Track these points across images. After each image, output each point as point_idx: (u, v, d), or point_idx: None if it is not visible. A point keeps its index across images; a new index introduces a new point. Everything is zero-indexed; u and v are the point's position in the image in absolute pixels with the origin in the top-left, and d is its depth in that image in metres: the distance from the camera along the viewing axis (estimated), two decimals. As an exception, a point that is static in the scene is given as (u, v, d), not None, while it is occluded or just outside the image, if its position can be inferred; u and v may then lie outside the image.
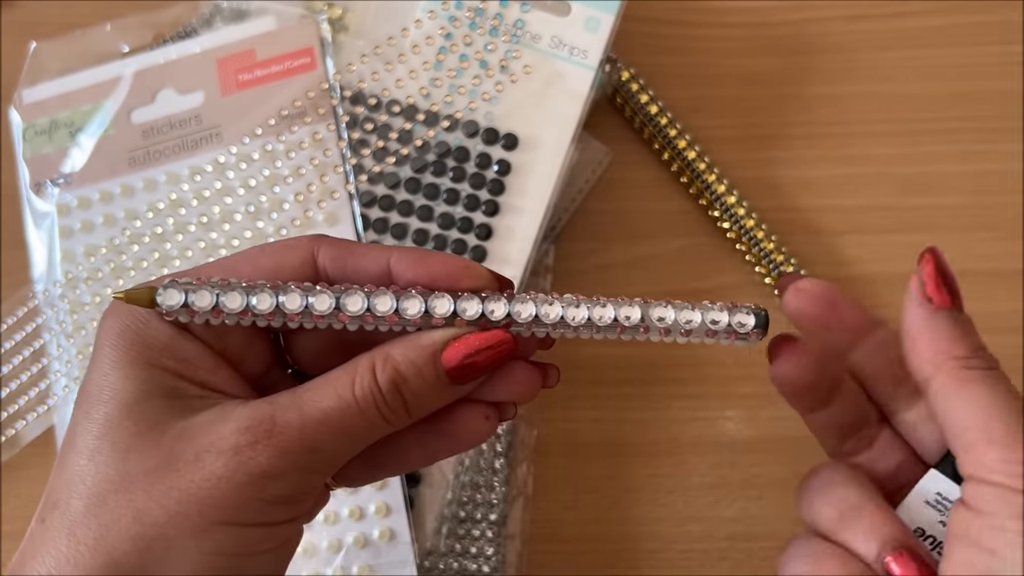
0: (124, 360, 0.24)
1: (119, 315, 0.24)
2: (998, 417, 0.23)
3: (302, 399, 0.23)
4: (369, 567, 0.39)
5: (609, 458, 0.43)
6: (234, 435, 0.23)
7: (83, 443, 0.23)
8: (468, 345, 0.24)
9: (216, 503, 0.22)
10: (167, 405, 0.23)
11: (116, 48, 0.45)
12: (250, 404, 0.24)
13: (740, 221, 0.43)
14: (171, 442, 0.23)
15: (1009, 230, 0.44)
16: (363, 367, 0.24)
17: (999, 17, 0.47)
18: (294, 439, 0.23)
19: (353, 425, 0.24)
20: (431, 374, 0.24)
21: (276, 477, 0.23)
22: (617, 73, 0.45)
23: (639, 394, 0.43)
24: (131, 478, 0.22)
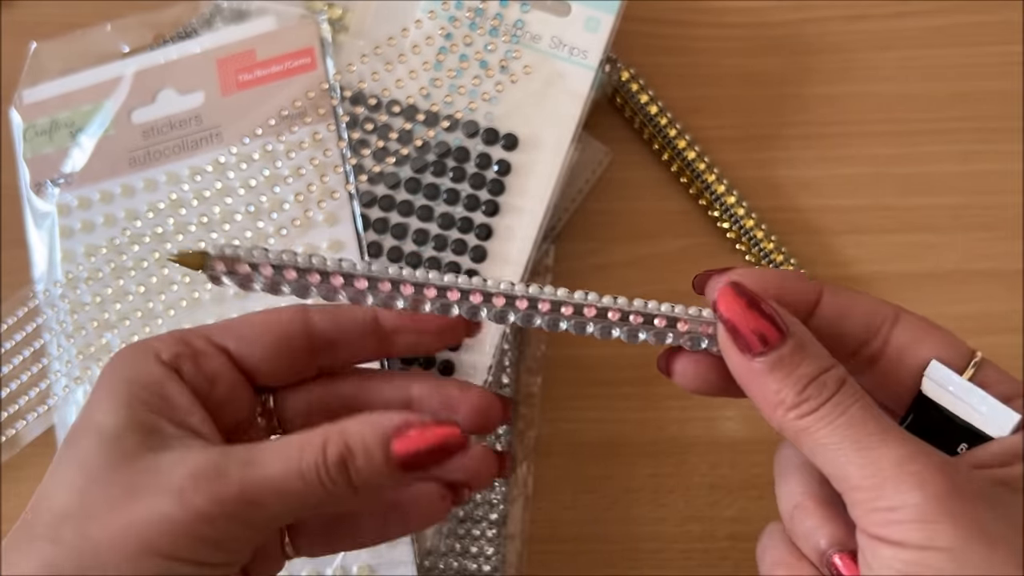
0: (110, 396, 0.26)
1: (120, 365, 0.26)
2: (848, 460, 0.22)
3: (252, 456, 0.25)
4: (369, 567, 0.39)
5: (609, 458, 0.43)
6: (182, 478, 0.24)
7: (60, 473, 0.25)
8: (420, 436, 0.25)
9: (154, 536, 0.23)
10: (143, 440, 0.25)
11: (116, 48, 0.45)
12: (208, 450, 0.25)
13: (740, 221, 0.43)
14: (135, 475, 0.24)
15: (1009, 230, 0.44)
16: (316, 437, 0.25)
17: (999, 17, 0.47)
18: (234, 492, 0.24)
19: (294, 490, 0.24)
20: (380, 458, 0.25)
21: (209, 521, 0.24)
22: (617, 73, 0.45)
23: (639, 394, 0.43)
24: (90, 504, 0.24)
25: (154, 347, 0.27)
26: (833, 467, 0.23)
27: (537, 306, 0.26)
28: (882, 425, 0.22)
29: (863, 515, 0.22)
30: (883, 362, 0.26)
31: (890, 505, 0.21)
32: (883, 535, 0.22)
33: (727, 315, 0.24)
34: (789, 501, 0.26)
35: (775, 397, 0.23)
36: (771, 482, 0.42)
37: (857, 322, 0.26)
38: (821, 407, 0.23)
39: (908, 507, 0.21)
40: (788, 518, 0.26)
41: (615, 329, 0.26)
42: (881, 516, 0.22)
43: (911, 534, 0.21)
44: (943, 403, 0.25)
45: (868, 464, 0.22)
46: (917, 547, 0.21)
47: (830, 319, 0.26)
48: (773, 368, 0.23)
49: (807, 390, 0.23)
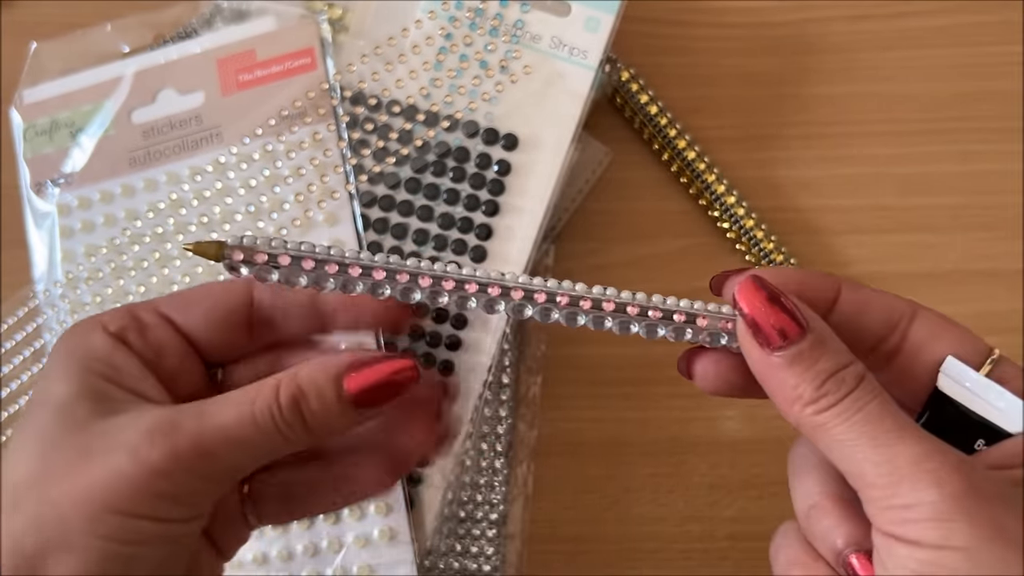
0: (62, 367, 0.26)
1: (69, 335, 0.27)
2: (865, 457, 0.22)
3: (205, 408, 0.25)
4: (369, 567, 0.39)
5: (609, 458, 0.43)
6: (137, 435, 0.24)
7: (18, 443, 0.25)
8: (372, 370, 0.26)
9: (113, 494, 0.24)
10: (94, 407, 0.25)
11: (116, 48, 0.45)
12: (161, 408, 0.25)
13: (740, 221, 0.43)
14: (89, 438, 0.25)
15: (1009, 230, 0.44)
16: (268, 384, 0.25)
17: (999, 17, 0.47)
18: (188, 443, 0.24)
19: (248, 436, 0.25)
20: (332, 395, 0.25)
21: (166, 476, 0.24)
22: (617, 73, 0.45)
23: (639, 394, 0.43)
24: (48, 469, 0.24)
25: (101, 320, 0.27)
26: (849, 464, 0.22)
27: (556, 300, 0.26)
28: (899, 422, 0.22)
29: (878, 513, 0.22)
30: (900, 358, 0.26)
31: (906, 503, 0.21)
32: (898, 533, 0.21)
33: (747, 309, 0.24)
34: (805, 500, 0.26)
35: (793, 392, 0.23)
36: (771, 482, 0.42)
37: (875, 318, 0.26)
38: (839, 403, 0.23)
39: (924, 505, 0.21)
40: (804, 517, 0.26)
41: (634, 325, 0.26)
42: (897, 514, 0.22)
43: (927, 533, 0.21)
44: (959, 399, 0.24)
45: (885, 461, 0.22)
46: (933, 546, 0.21)
47: (848, 315, 0.26)
48: (792, 363, 0.23)
49: (825, 385, 0.23)
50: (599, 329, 0.26)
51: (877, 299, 0.26)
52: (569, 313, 0.26)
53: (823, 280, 0.26)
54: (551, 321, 0.26)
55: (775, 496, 0.42)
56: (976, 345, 0.25)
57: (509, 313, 0.26)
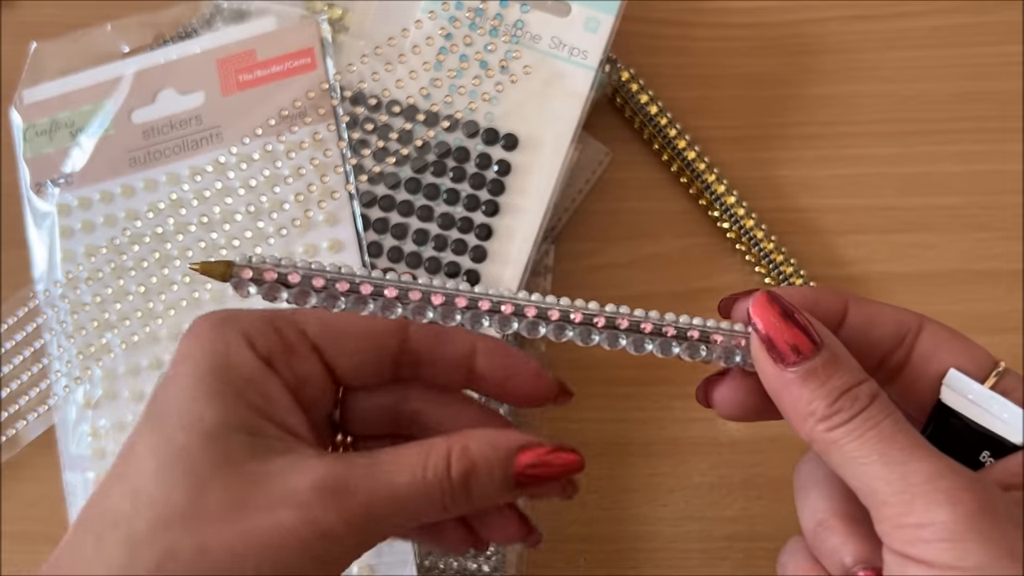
0: (211, 386, 0.24)
1: (212, 340, 0.24)
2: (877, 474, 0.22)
3: (378, 467, 0.24)
4: (369, 567, 0.39)
5: (609, 458, 0.43)
6: (309, 491, 0.23)
7: (156, 464, 0.23)
8: (545, 462, 0.25)
9: (277, 553, 0.22)
10: (247, 442, 0.24)
11: (116, 48, 0.45)
12: (327, 460, 0.24)
13: (740, 221, 0.43)
14: (245, 483, 0.23)
15: (1009, 230, 0.44)
16: (439, 451, 0.24)
17: (999, 17, 0.47)
18: (361, 507, 0.23)
19: (415, 505, 0.24)
20: (500, 474, 0.25)
21: (337, 540, 0.23)
22: (617, 73, 0.45)
23: (639, 394, 0.43)
24: (201, 511, 0.22)
25: (247, 332, 0.25)
26: (861, 481, 0.22)
27: (570, 318, 0.25)
28: (912, 440, 0.22)
29: (890, 531, 0.22)
30: (907, 371, 0.26)
31: (919, 522, 0.21)
32: (911, 553, 0.21)
33: (762, 324, 0.24)
34: (812, 517, 0.26)
35: (806, 408, 0.23)
36: (771, 482, 0.42)
37: (883, 332, 0.26)
38: (852, 420, 0.22)
39: (937, 525, 0.21)
40: (811, 534, 0.26)
41: (648, 343, 0.26)
42: (910, 533, 0.21)
43: (940, 554, 0.21)
44: (963, 411, 0.24)
45: (897, 479, 0.22)
46: (945, 566, 0.21)
47: (857, 330, 0.26)
48: (806, 379, 0.23)
49: (839, 402, 0.23)
50: (614, 348, 0.26)
51: (884, 313, 0.26)
52: (583, 331, 0.26)
53: (831, 297, 0.26)
54: (564, 339, 0.26)
55: (775, 496, 0.42)
56: (981, 357, 0.25)
57: (524, 332, 0.26)
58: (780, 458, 0.42)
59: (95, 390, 0.41)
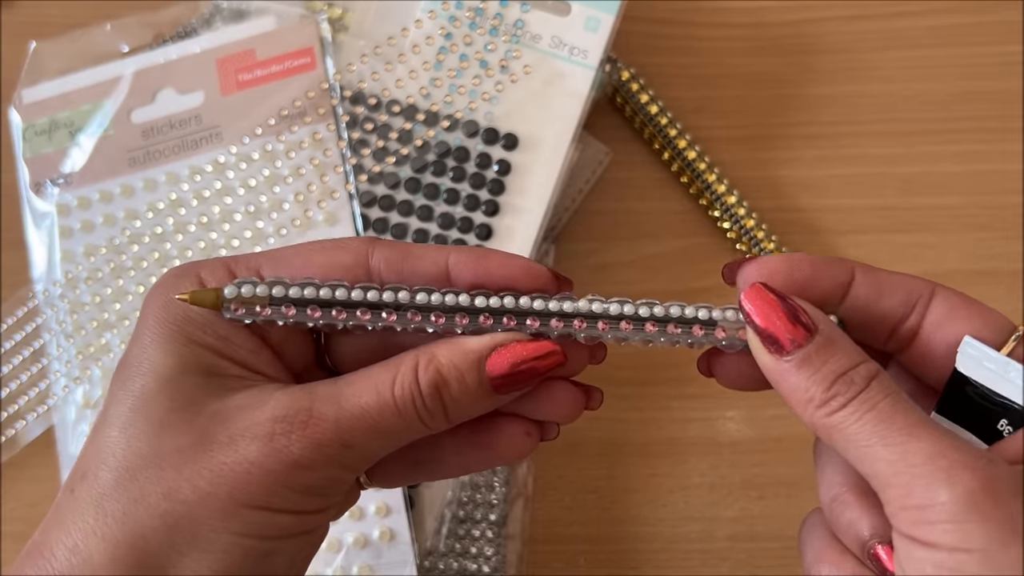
0: (165, 334, 0.23)
1: (163, 289, 0.24)
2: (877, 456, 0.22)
3: (341, 392, 0.23)
4: (369, 567, 0.39)
5: (609, 458, 0.43)
6: (270, 422, 0.22)
7: (116, 415, 0.23)
8: (514, 354, 0.24)
9: (247, 488, 0.22)
10: (204, 383, 0.23)
11: (116, 48, 0.45)
12: (289, 391, 0.23)
13: (740, 221, 0.43)
14: (206, 421, 0.23)
15: (1009, 230, 0.44)
16: (406, 366, 0.24)
17: (999, 17, 0.47)
18: (328, 432, 0.23)
19: (389, 424, 0.23)
20: (474, 380, 0.24)
21: (307, 468, 0.22)
22: (617, 73, 0.45)
23: (639, 394, 0.43)
24: (163, 454, 0.22)
25: (201, 278, 0.24)
26: (864, 464, 0.22)
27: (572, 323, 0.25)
28: (912, 420, 0.22)
29: (895, 513, 0.22)
30: (920, 340, 0.25)
31: (920, 503, 0.21)
32: (916, 535, 0.21)
33: (755, 318, 0.24)
34: (828, 492, 0.25)
35: (804, 395, 0.23)
36: (771, 482, 0.42)
37: (892, 301, 0.25)
38: (849, 403, 0.22)
39: (938, 506, 0.20)
40: (828, 509, 0.25)
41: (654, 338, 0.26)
42: (913, 515, 0.21)
43: (943, 536, 0.20)
44: (979, 379, 0.24)
45: (897, 459, 0.21)
46: (949, 548, 0.20)
47: (865, 299, 0.25)
48: (800, 366, 0.23)
49: (835, 386, 0.22)
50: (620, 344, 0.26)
51: (894, 280, 0.26)
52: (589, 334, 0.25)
53: (835, 266, 0.25)
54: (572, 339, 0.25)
55: (775, 496, 0.42)
56: (998, 322, 0.24)
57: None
58: (780, 458, 0.42)
59: (94, 390, 0.41)
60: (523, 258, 0.25)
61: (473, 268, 0.25)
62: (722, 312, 0.25)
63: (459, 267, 0.25)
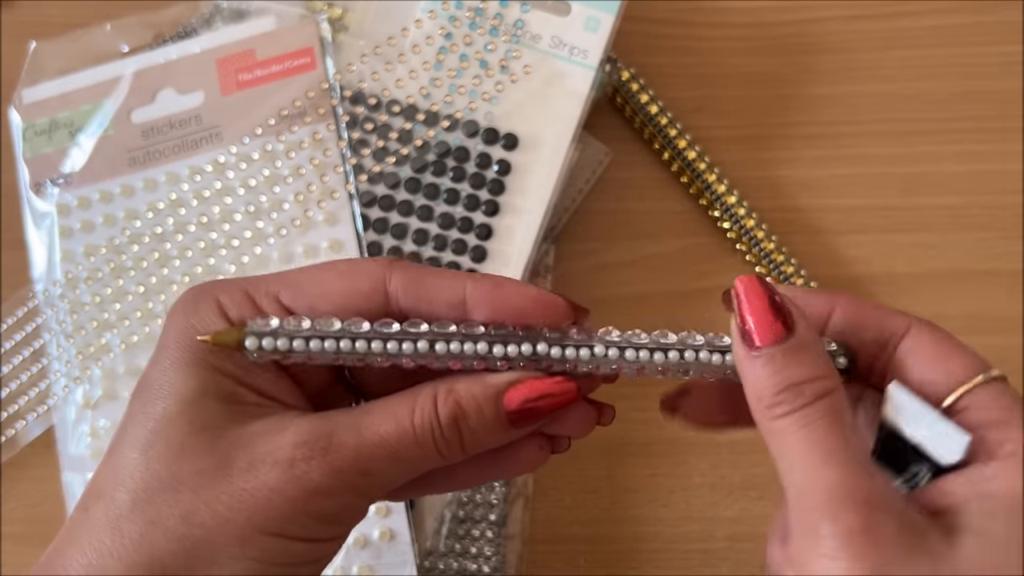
0: (186, 359, 0.24)
1: (186, 314, 0.24)
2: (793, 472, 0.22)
3: (361, 421, 0.24)
4: (369, 567, 0.39)
5: (609, 458, 0.43)
6: (291, 447, 0.23)
7: (136, 435, 0.23)
8: (531, 390, 0.24)
9: (265, 513, 0.22)
10: (225, 409, 0.23)
11: (116, 48, 0.45)
12: (308, 418, 0.24)
13: (740, 221, 0.43)
14: (226, 447, 0.23)
15: (1009, 230, 0.44)
16: (425, 397, 0.24)
17: (999, 17, 0.47)
18: (348, 460, 0.23)
19: (407, 453, 0.24)
20: (491, 414, 0.24)
21: (326, 495, 0.23)
22: (617, 73, 0.45)
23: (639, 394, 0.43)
24: (181, 478, 0.22)
25: (220, 303, 0.24)
26: (784, 476, 0.22)
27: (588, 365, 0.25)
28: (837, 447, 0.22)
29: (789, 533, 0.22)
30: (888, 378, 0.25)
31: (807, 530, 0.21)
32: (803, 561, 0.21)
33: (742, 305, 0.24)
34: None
35: (757, 392, 0.23)
36: (772, 482, 0.42)
37: (868, 337, 0.25)
38: (789, 415, 0.22)
39: (820, 537, 0.21)
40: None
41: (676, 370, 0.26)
42: (799, 540, 0.21)
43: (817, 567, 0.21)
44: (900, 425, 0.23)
45: (804, 485, 0.22)
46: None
47: (843, 333, 0.25)
48: (765, 363, 0.23)
49: (783, 394, 0.23)
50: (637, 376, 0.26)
51: (871, 316, 0.25)
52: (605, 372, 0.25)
53: (819, 299, 0.26)
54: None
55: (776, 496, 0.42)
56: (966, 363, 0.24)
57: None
58: (780, 458, 0.42)
59: (94, 390, 0.41)
60: (536, 290, 0.26)
61: (489, 299, 0.25)
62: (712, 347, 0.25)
63: (475, 297, 0.25)
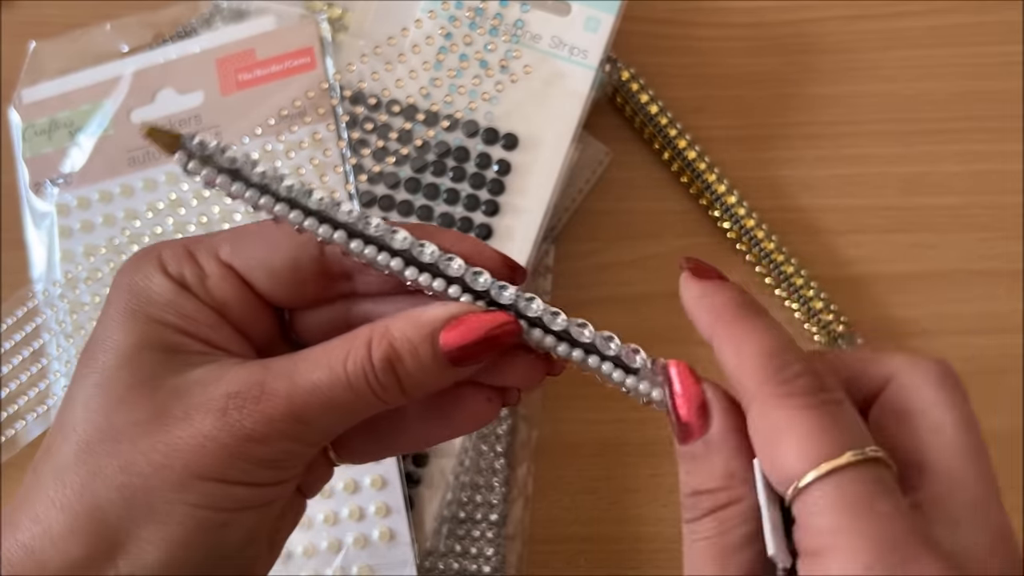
0: (127, 312, 0.24)
1: (129, 272, 0.25)
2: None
3: (295, 367, 0.23)
4: (369, 567, 0.39)
5: (609, 458, 0.43)
6: (223, 397, 0.23)
7: (79, 391, 0.24)
8: (469, 327, 0.23)
9: (201, 460, 0.22)
10: (165, 359, 0.24)
11: (116, 48, 0.45)
12: (245, 366, 0.24)
13: (740, 221, 0.43)
14: (164, 397, 0.23)
15: (1009, 230, 0.44)
16: (359, 341, 0.23)
17: (999, 17, 0.47)
18: (280, 407, 0.23)
19: (342, 399, 0.23)
20: (428, 354, 0.23)
21: (260, 442, 0.23)
22: (617, 73, 0.45)
23: (639, 394, 0.43)
24: (120, 428, 0.23)
25: (161, 259, 0.25)
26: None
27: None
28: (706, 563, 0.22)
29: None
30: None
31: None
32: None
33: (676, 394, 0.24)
34: None
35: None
36: (771, 482, 0.42)
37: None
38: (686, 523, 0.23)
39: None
40: None
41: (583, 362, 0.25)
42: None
43: None
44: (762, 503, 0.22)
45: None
46: None
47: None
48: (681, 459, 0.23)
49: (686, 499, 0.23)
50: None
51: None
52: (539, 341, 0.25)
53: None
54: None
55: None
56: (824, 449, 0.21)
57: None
58: (780, 458, 0.42)
59: (94, 390, 0.41)
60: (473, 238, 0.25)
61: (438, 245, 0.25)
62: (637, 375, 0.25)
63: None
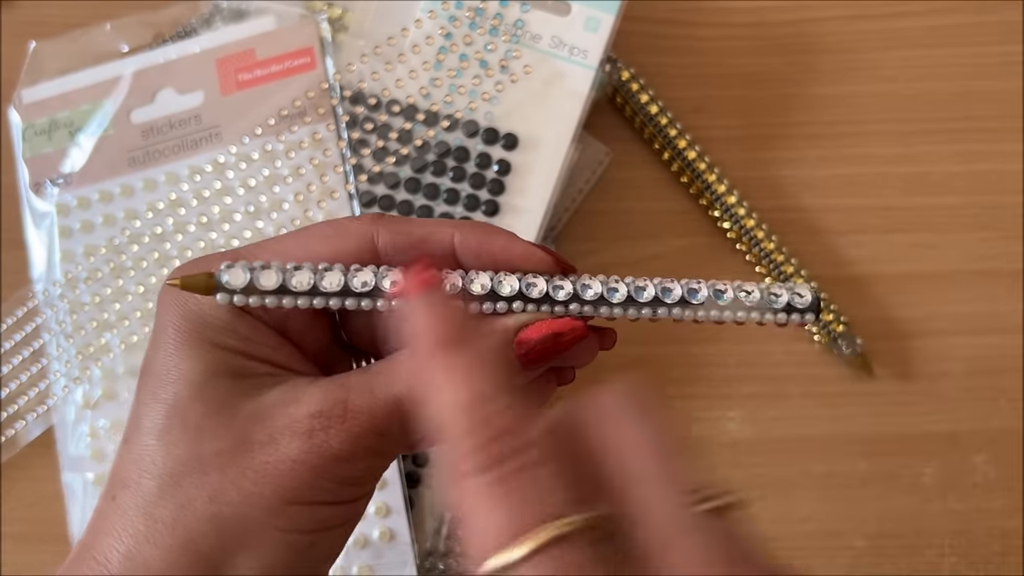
0: (188, 341, 0.24)
1: (177, 296, 0.24)
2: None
3: (373, 382, 0.24)
4: (369, 567, 0.39)
5: (609, 458, 0.43)
6: (308, 418, 0.23)
7: (151, 423, 0.23)
8: (540, 332, 0.24)
9: (291, 484, 0.22)
10: (234, 385, 0.23)
11: (116, 48, 0.45)
12: (321, 385, 0.24)
13: (740, 221, 0.43)
14: (243, 423, 0.23)
15: (1009, 230, 0.44)
16: None
17: (999, 17, 0.47)
18: (364, 424, 0.23)
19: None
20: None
21: (347, 460, 0.23)
22: (617, 73, 0.45)
23: (639, 394, 0.43)
24: (204, 459, 0.23)
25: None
26: None
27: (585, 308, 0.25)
28: None
29: None
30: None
31: None
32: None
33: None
34: None
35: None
36: (772, 482, 0.42)
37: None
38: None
39: None
40: None
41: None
42: None
43: None
44: None
45: None
46: None
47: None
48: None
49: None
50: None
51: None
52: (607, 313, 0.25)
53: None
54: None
55: (776, 496, 0.42)
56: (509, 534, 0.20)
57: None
58: (780, 458, 0.42)
59: (94, 390, 0.41)
60: (524, 245, 0.25)
61: (476, 252, 0.25)
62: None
63: (463, 248, 0.25)
